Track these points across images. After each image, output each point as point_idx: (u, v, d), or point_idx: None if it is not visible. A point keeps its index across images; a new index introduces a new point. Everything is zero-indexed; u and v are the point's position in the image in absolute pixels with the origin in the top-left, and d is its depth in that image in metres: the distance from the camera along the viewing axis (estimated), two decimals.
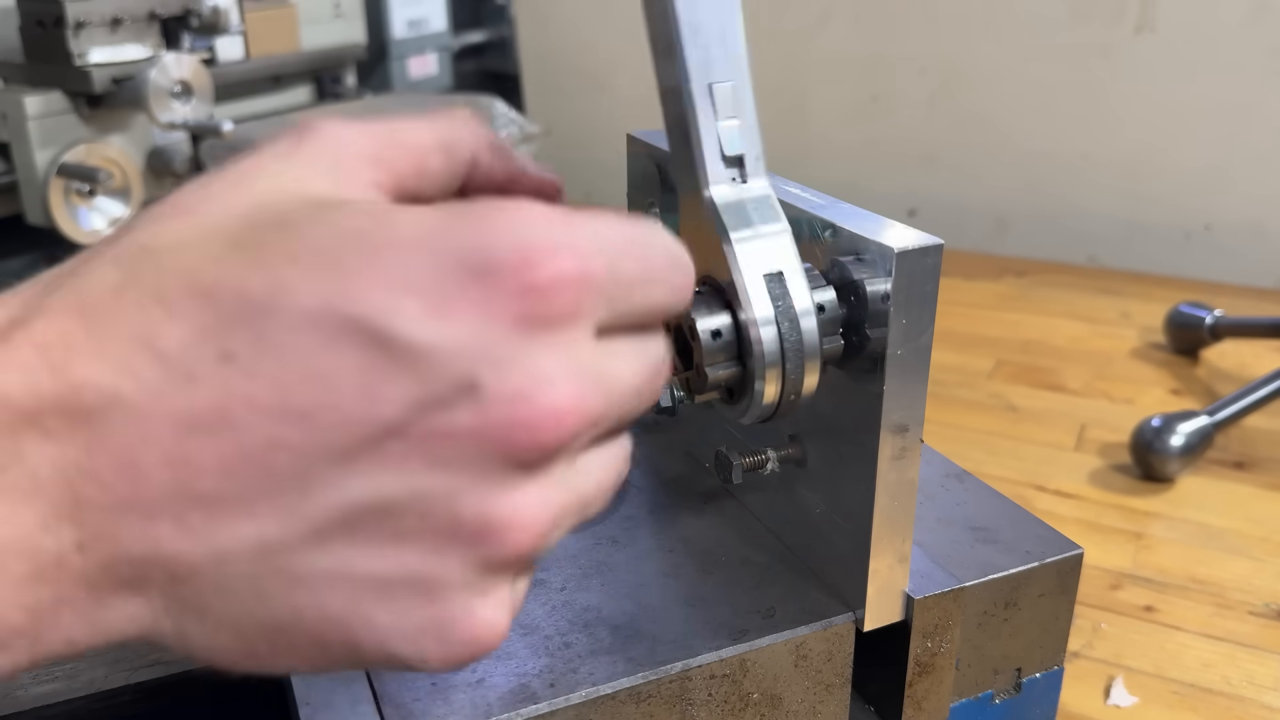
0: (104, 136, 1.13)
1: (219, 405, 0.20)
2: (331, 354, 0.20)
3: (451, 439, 0.20)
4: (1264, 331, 0.90)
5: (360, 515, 0.20)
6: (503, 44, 1.86)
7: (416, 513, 0.20)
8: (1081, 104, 1.24)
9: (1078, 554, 0.38)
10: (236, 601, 0.21)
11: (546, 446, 0.21)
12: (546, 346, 0.21)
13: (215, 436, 0.20)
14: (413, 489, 0.20)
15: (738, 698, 0.34)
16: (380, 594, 0.21)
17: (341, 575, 0.21)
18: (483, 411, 0.20)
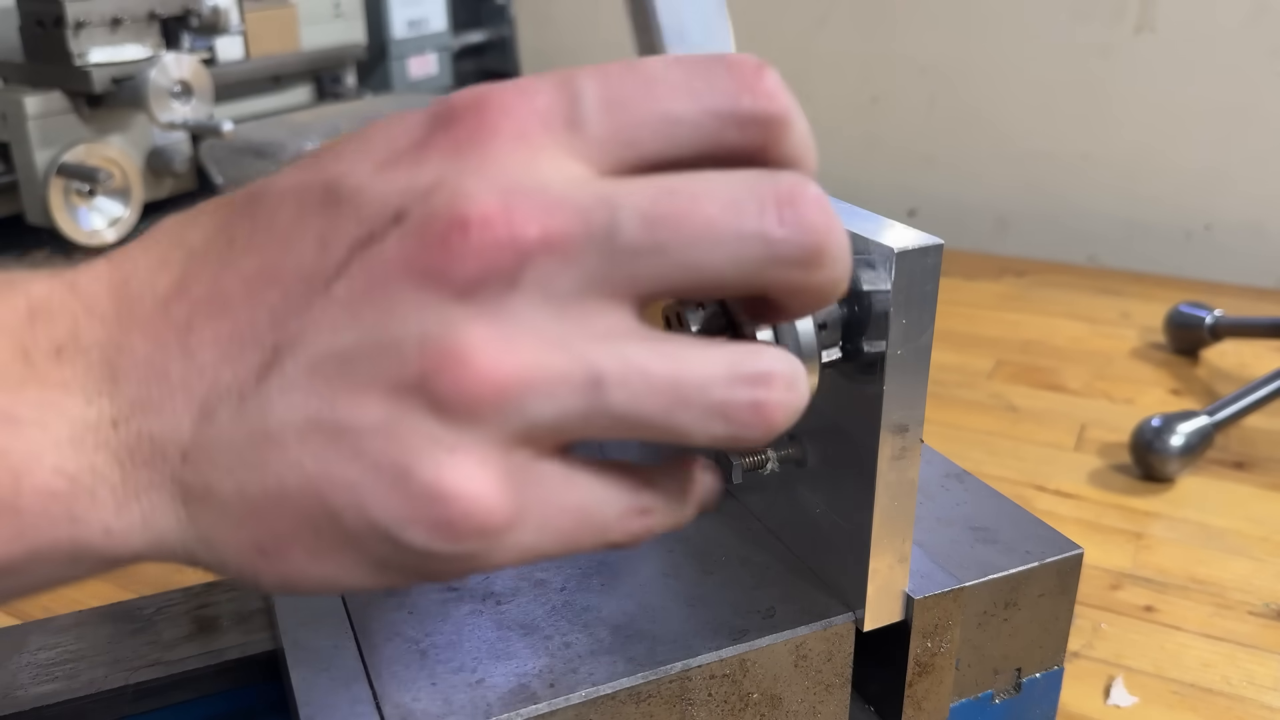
0: (104, 136, 1.13)
1: (219, 281, 0.22)
2: (298, 216, 0.22)
3: (384, 270, 0.20)
4: (1264, 331, 0.90)
5: (320, 366, 0.21)
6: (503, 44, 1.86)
7: (368, 356, 0.20)
8: (1081, 104, 1.24)
9: (1078, 554, 0.38)
10: (231, 476, 0.21)
11: (476, 262, 0.20)
12: (482, 166, 0.21)
13: (215, 309, 0.22)
14: (362, 331, 0.20)
15: (738, 698, 0.34)
16: (349, 448, 0.21)
17: (311, 429, 0.21)
18: (406, 235, 0.20)
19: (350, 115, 1.29)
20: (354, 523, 0.21)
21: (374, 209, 0.21)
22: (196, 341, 0.21)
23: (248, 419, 0.21)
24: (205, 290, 0.22)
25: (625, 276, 0.21)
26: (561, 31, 1.61)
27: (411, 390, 0.20)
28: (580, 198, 0.20)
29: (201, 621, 0.40)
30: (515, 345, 0.20)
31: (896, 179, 1.38)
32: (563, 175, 0.21)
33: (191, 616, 0.41)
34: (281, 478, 0.21)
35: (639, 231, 0.20)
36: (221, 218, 0.23)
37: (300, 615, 0.35)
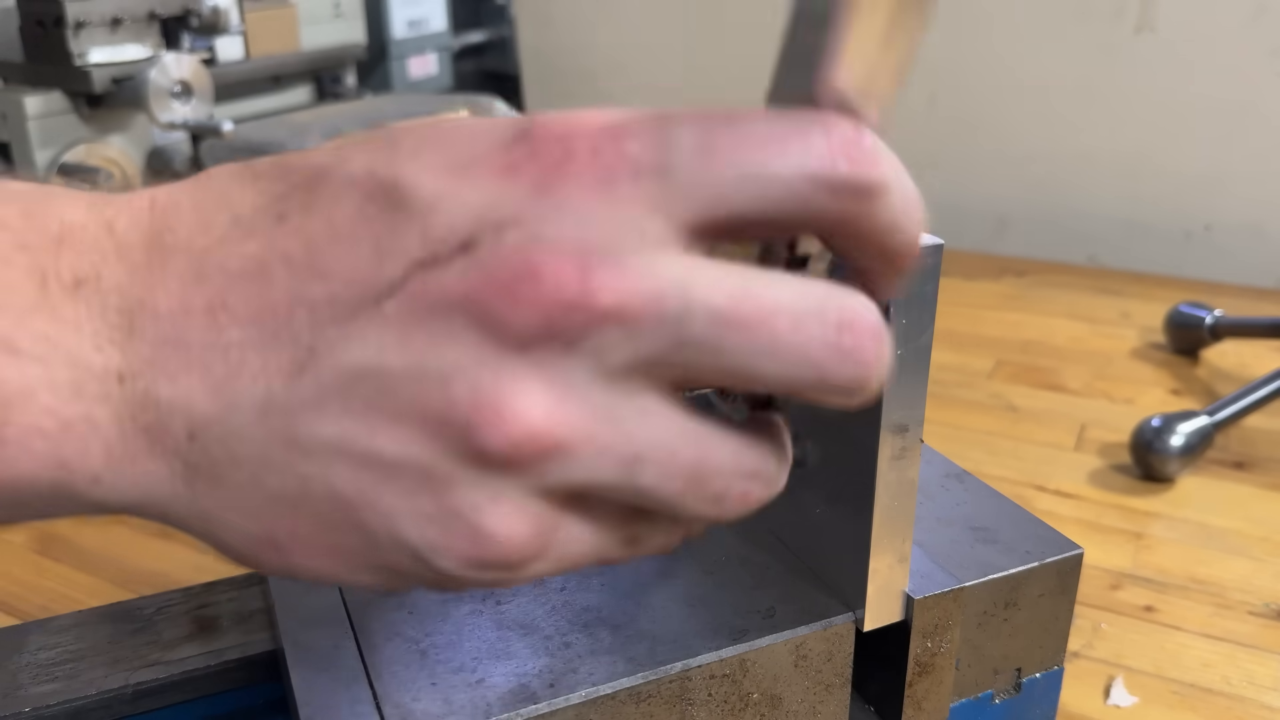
0: (104, 136, 1.13)
1: (261, 259, 0.21)
2: (360, 214, 0.20)
3: (442, 301, 0.19)
4: (1264, 331, 0.90)
5: (358, 383, 0.20)
6: (503, 44, 1.86)
7: (411, 387, 0.20)
8: (1081, 104, 1.24)
9: (1078, 554, 0.38)
10: (246, 468, 0.21)
11: (541, 318, 0.19)
12: (562, 211, 0.19)
13: (252, 287, 0.20)
14: (408, 358, 0.20)
15: (738, 698, 0.34)
16: (384, 475, 0.20)
17: (344, 449, 0.20)
18: (472, 269, 0.19)
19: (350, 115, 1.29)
20: (383, 539, 0.21)
21: (442, 231, 0.20)
22: (226, 318, 0.21)
23: (273, 418, 0.20)
24: (244, 266, 0.21)
25: (679, 364, 0.20)
26: (561, 31, 1.61)
27: (453, 432, 0.20)
28: (658, 275, 0.20)
29: (201, 621, 0.40)
30: (564, 409, 0.20)
31: None
32: (644, 237, 0.20)
33: (191, 616, 0.41)
34: (307, 486, 0.21)
35: (707, 328, 0.20)
36: (277, 190, 0.21)
37: (300, 615, 0.35)
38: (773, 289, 0.21)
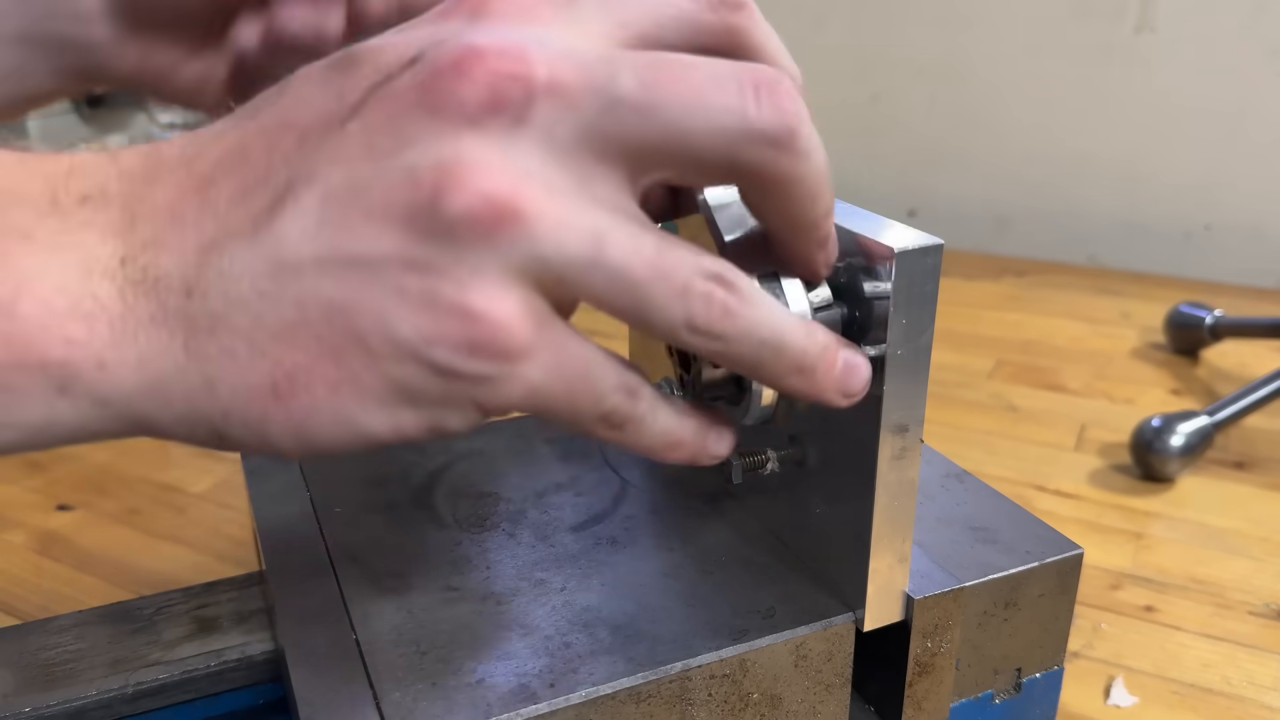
0: (104, 136, 1.13)
1: (241, 140, 0.23)
2: (322, 80, 0.23)
3: (397, 102, 0.22)
4: (1264, 331, 0.90)
5: (333, 196, 0.22)
6: None
7: (380, 184, 0.21)
8: (1081, 104, 1.24)
9: (1078, 554, 0.38)
10: (241, 309, 0.22)
11: (485, 89, 0.21)
12: (495, 22, 0.23)
13: (234, 161, 0.23)
14: (375, 161, 0.22)
15: (738, 698, 0.34)
16: (370, 274, 0.22)
17: (329, 259, 0.22)
18: (420, 69, 0.22)
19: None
20: (379, 344, 0.22)
21: (391, 57, 0.23)
22: (215, 192, 0.23)
23: (261, 249, 0.22)
24: (225, 147, 0.23)
25: (618, 134, 0.22)
26: None
27: (425, 214, 0.21)
28: (583, 53, 0.22)
29: (201, 621, 0.40)
30: (522, 179, 0.21)
31: (896, 179, 1.38)
32: (569, 35, 0.23)
33: (191, 616, 0.41)
34: (302, 305, 0.22)
35: (634, 88, 0.22)
36: (251, 101, 0.24)
37: (300, 615, 0.35)
38: (687, 58, 0.23)
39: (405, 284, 0.21)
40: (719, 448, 0.28)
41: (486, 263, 0.21)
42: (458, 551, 0.38)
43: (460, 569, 0.37)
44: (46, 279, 0.22)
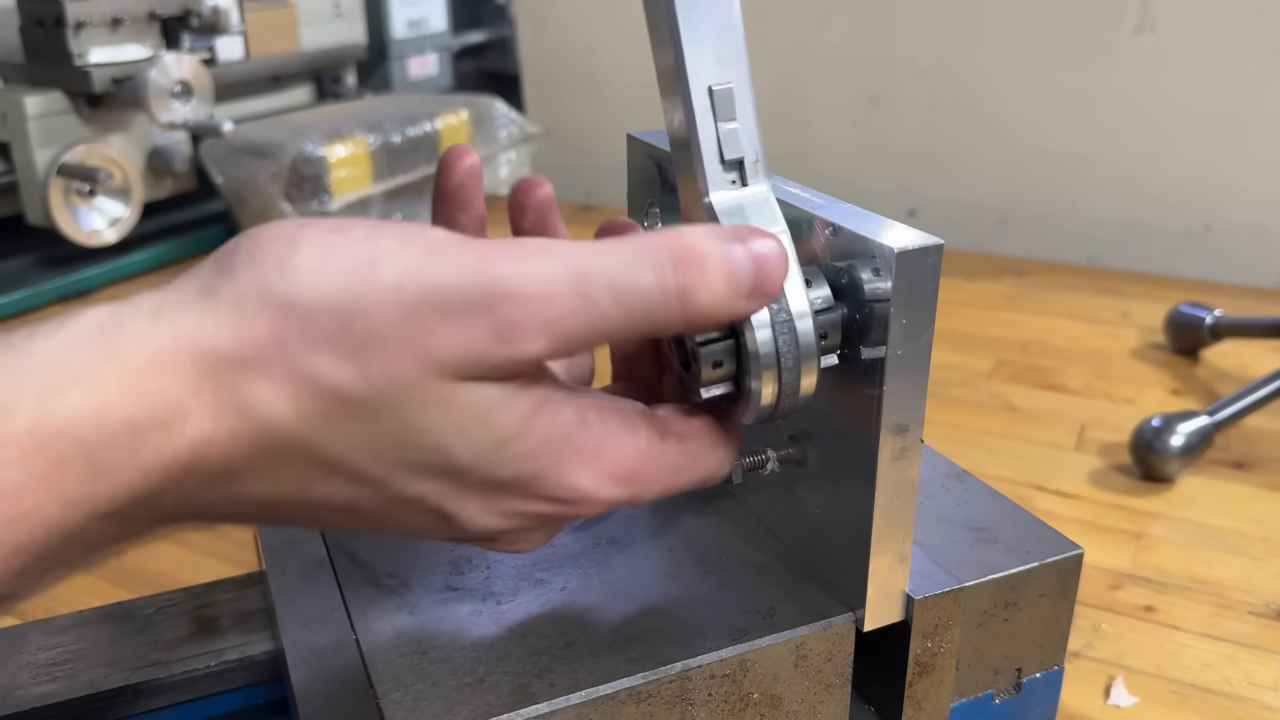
0: (104, 136, 1.13)
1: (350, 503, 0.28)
2: (424, 521, 0.29)
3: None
4: (1264, 331, 0.90)
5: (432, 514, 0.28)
6: (503, 44, 1.86)
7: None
8: (1081, 104, 1.24)
9: (1078, 554, 0.38)
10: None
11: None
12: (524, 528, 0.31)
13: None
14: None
15: (738, 698, 0.34)
16: (444, 531, 0.29)
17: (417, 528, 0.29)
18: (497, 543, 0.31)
19: (350, 115, 1.29)
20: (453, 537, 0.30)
21: (474, 534, 0.29)
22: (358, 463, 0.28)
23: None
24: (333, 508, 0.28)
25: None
26: (561, 31, 1.61)
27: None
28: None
29: (201, 622, 0.40)
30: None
31: (896, 179, 1.38)
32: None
33: (191, 616, 0.41)
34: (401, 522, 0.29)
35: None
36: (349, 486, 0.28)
37: (300, 615, 0.35)
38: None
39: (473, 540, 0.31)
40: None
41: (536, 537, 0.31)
42: (458, 551, 0.38)
43: (460, 569, 0.37)
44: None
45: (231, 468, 0.25)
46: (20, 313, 1.05)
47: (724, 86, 0.29)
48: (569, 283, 0.26)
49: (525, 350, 0.26)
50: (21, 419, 0.23)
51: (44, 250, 1.14)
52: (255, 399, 0.25)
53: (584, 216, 1.36)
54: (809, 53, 1.39)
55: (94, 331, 0.24)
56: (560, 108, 1.63)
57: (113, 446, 0.23)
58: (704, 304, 0.27)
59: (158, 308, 0.25)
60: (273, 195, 1.18)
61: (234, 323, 0.25)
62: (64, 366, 0.23)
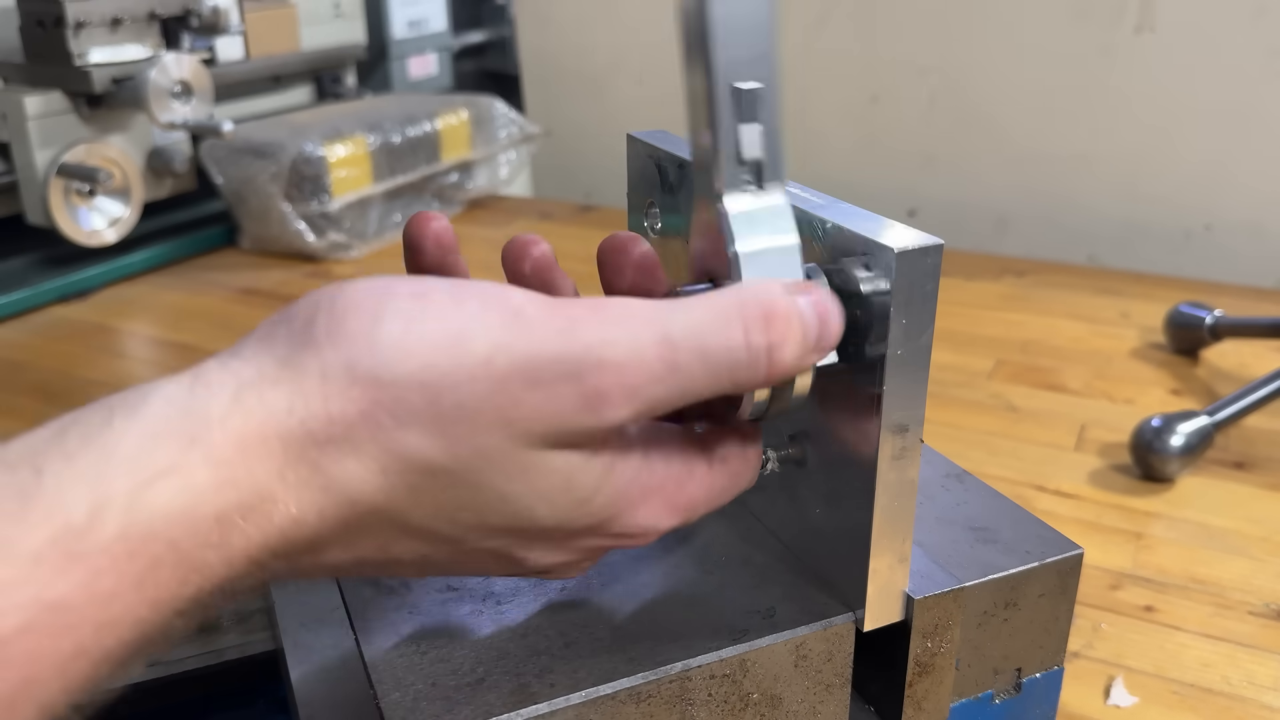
0: (104, 136, 1.13)
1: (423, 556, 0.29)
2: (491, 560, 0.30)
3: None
4: (1264, 331, 0.90)
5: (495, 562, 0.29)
6: (503, 44, 1.86)
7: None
8: (1081, 104, 1.24)
9: (1078, 554, 0.38)
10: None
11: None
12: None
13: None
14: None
15: (738, 698, 0.34)
16: (506, 570, 0.30)
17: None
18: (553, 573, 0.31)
19: (350, 115, 1.29)
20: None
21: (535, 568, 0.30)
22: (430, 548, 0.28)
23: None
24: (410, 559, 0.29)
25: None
26: (561, 31, 1.61)
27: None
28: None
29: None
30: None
31: (896, 179, 1.38)
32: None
33: None
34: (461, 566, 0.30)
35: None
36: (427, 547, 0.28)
37: (300, 615, 0.35)
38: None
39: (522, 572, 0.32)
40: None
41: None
42: None
43: None
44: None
45: (317, 544, 0.25)
46: (20, 313, 1.05)
47: (750, 86, 0.29)
48: (656, 348, 0.26)
49: (611, 418, 0.26)
50: (112, 523, 0.22)
51: (44, 250, 1.14)
52: (343, 477, 0.25)
53: (584, 216, 1.36)
54: (809, 52, 1.39)
55: (175, 417, 0.23)
56: (560, 108, 1.63)
57: (204, 545, 0.23)
58: (787, 360, 0.27)
59: (238, 388, 0.24)
60: (273, 195, 1.18)
61: (322, 402, 0.24)
62: (150, 461, 0.23)
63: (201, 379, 0.24)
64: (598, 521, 0.28)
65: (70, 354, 0.96)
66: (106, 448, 0.23)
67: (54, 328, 1.02)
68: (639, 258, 0.34)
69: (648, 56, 1.49)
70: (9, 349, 0.97)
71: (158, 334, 1.02)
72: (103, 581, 0.22)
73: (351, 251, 1.21)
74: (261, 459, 0.24)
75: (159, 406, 0.23)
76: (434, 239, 0.34)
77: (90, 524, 0.22)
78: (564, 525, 0.28)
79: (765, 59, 0.29)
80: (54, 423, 0.24)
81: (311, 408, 0.24)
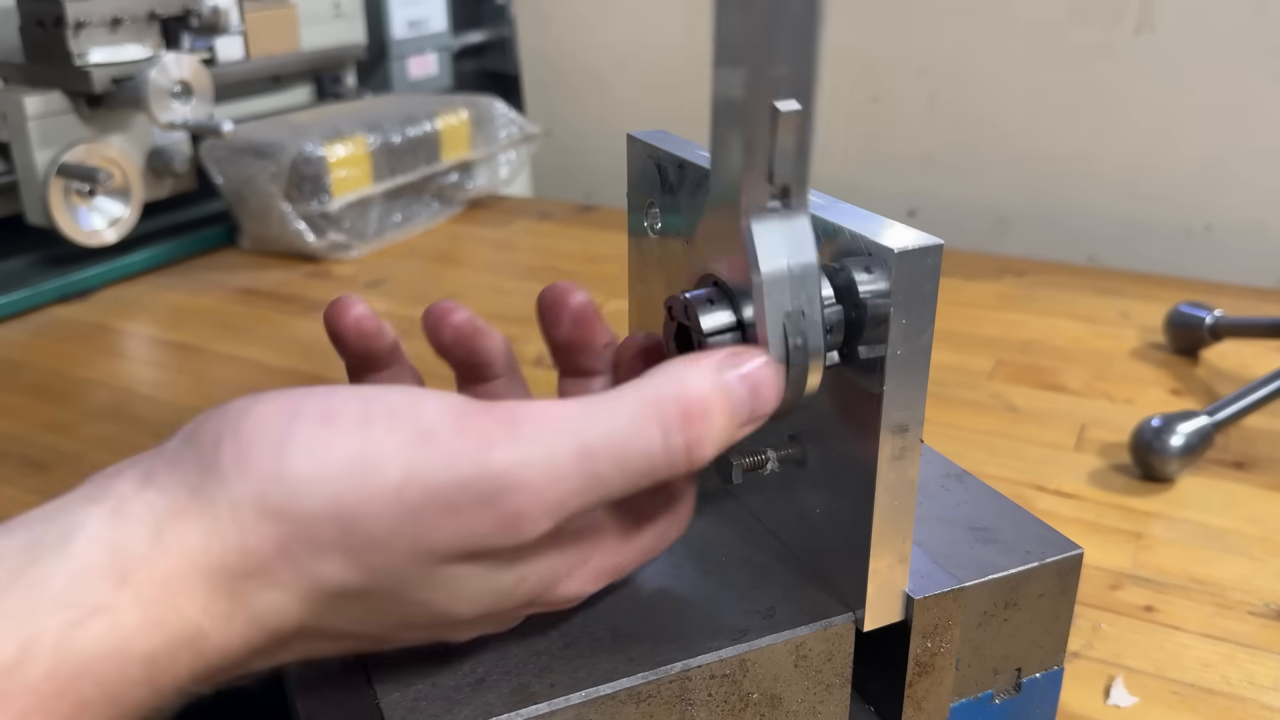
0: (104, 136, 1.13)
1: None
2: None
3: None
4: (1264, 331, 0.89)
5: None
6: (503, 44, 1.86)
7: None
8: (1081, 104, 1.24)
9: (1078, 554, 0.38)
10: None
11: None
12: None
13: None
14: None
15: (738, 698, 0.34)
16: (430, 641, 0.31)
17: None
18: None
19: (350, 115, 1.29)
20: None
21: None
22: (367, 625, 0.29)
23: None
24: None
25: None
26: (561, 31, 1.61)
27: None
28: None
29: None
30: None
31: (896, 179, 1.38)
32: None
33: None
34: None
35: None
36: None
37: None
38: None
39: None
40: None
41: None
42: None
43: None
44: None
45: (243, 663, 0.26)
46: (20, 313, 1.05)
47: (791, 109, 0.29)
48: (573, 463, 0.26)
49: (528, 535, 0.26)
50: (43, 662, 0.22)
51: (44, 250, 1.14)
52: (264, 608, 0.25)
53: (584, 216, 1.36)
54: None
55: (102, 555, 0.23)
56: (560, 108, 1.63)
57: (133, 684, 0.23)
58: (708, 451, 0.27)
59: (156, 524, 0.24)
60: (273, 195, 1.18)
61: (237, 536, 0.24)
62: (80, 599, 0.23)
63: (121, 513, 0.24)
64: (521, 604, 0.30)
65: (70, 354, 0.96)
66: (36, 585, 0.23)
67: (54, 328, 1.02)
68: (577, 309, 0.34)
69: (648, 56, 1.49)
70: (9, 349, 0.97)
71: (157, 334, 1.02)
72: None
73: (351, 251, 1.21)
74: (187, 596, 0.24)
75: (84, 545, 0.23)
76: (355, 328, 0.34)
77: (19, 662, 0.22)
78: (488, 613, 0.29)
79: (808, 80, 0.29)
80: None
81: (226, 543, 0.24)
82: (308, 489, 0.24)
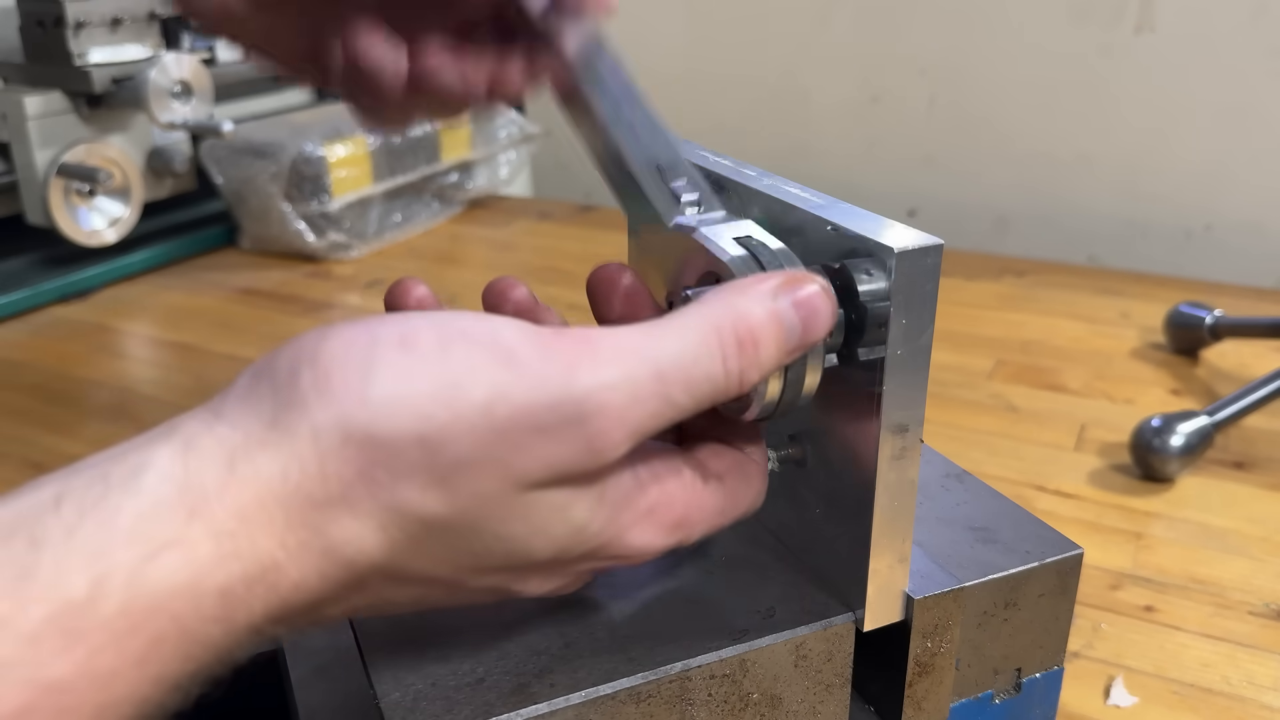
0: (104, 136, 1.13)
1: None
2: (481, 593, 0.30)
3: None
4: (1264, 331, 0.90)
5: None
6: None
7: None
8: (1081, 104, 1.24)
9: (1078, 554, 0.38)
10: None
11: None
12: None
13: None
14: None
15: (738, 698, 0.34)
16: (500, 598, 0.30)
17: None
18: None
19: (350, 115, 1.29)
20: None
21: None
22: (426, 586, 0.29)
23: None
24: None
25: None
26: None
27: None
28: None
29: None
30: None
31: (896, 179, 1.38)
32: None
33: None
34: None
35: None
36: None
37: None
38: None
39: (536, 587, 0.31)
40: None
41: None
42: None
43: None
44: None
45: (316, 604, 0.25)
46: (20, 313, 1.05)
47: (667, 161, 0.35)
48: (651, 385, 0.26)
49: (609, 457, 0.26)
50: (115, 598, 0.21)
51: (44, 250, 1.14)
52: (343, 538, 0.24)
53: (584, 216, 1.36)
54: (809, 51, 1.39)
55: (172, 491, 0.23)
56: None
57: (207, 620, 0.23)
58: (754, 377, 0.28)
59: (230, 456, 0.24)
60: (273, 195, 1.18)
61: (317, 464, 0.24)
62: (152, 534, 0.22)
63: (192, 448, 0.24)
64: (593, 547, 0.29)
65: (70, 354, 0.96)
66: (105, 521, 0.22)
67: (54, 328, 1.02)
68: (627, 289, 0.34)
69: (647, 57, 1.49)
70: (9, 349, 0.97)
71: (158, 334, 1.02)
72: (103, 659, 0.21)
73: (351, 251, 1.21)
74: (263, 528, 0.23)
75: (154, 481, 0.23)
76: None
77: (91, 599, 0.21)
78: (560, 556, 0.28)
79: (667, 141, 0.36)
80: (45, 488, 0.23)
81: (306, 470, 0.24)
82: (393, 411, 0.24)
